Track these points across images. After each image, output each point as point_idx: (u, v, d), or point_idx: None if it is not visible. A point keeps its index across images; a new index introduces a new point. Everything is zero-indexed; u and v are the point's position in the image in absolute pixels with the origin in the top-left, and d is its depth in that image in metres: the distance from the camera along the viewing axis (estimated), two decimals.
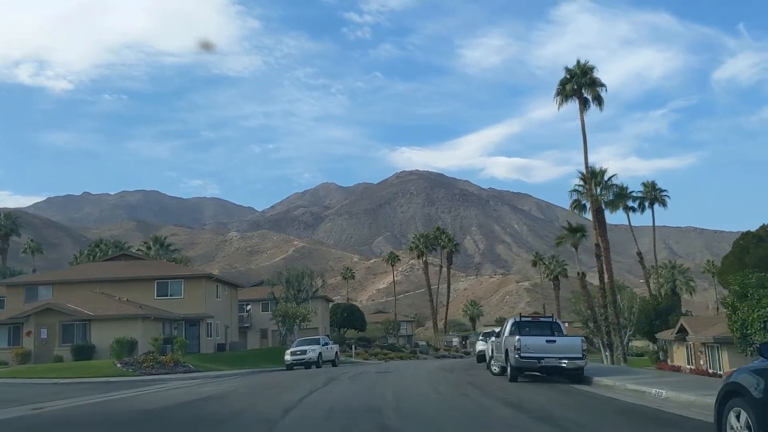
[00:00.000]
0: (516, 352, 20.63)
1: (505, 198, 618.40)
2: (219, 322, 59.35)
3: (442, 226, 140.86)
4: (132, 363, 39.12)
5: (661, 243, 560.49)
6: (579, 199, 58.40)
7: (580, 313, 65.45)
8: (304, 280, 67.77)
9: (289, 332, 61.49)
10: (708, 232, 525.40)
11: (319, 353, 45.96)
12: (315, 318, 73.14)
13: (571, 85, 49.91)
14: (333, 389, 21.03)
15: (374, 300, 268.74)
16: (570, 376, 21.20)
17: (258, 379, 31.14)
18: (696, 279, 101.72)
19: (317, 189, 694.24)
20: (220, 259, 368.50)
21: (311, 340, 48.08)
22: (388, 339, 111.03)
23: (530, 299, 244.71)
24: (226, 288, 62.76)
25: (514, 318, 24.02)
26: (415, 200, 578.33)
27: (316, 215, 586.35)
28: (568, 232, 53.87)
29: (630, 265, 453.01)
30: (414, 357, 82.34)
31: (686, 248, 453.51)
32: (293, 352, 46.07)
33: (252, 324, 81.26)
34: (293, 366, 45.78)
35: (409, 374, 29.12)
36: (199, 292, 55.32)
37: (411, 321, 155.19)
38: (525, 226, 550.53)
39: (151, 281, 54.98)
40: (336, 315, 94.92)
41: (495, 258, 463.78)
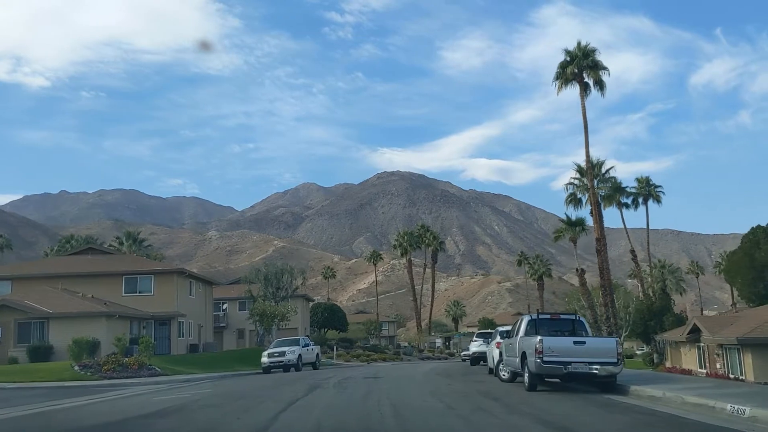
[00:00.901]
0: (537, 356, 17.18)
1: (486, 199, 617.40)
2: (192, 321, 55.59)
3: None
4: (91, 366, 35.33)
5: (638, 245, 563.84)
6: (575, 192, 55.30)
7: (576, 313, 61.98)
8: (284, 278, 64.02)
9: (267, 332, 57.73)
10: (685, 234, 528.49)
11: (298, 355, 42.37)
12: (294, 318, 69.59)
13: (572, 69, 46.55)
14: (317, 400, 17.49)
15: (355, 300, 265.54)
16: (600, 384, 17.82)
17: (230, 385, 27.51)
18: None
19: (298, 189, 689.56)
20: (199, 258, 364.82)
21: (290, 341, 44.46)
22: (370, 340, 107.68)
23: (512, 300, 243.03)
24: (200, 285, 58.97)
25: (530, 315, 20.57)
26: (396, 201, 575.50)
27: (296, 215, 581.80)
28: (566, 225, 50.61)
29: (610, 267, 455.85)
30: (397, 358, 78.83)
31: (663, 250, 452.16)
32: (271, 353, 42.46)
33: (228, 324, 77.56)
34: (271, 369, 42.20)
35: (402, 380, 25.66)
36: (171, 288, 51.53)
37: (393, 322, 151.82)
38: (505, 228, 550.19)
39: (119, 277, 51.16)
40: (316, 315, 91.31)
41: (475, 259, 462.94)
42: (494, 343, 25.70)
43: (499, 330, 26.67)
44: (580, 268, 50.16)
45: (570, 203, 55.37)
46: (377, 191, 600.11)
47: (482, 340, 39.78)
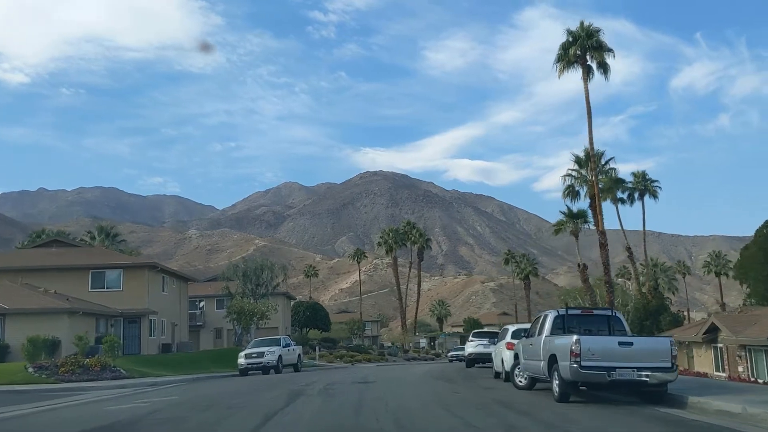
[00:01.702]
0: (572, 360, 13.88)
1: (468, 200, 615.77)
2: (165, 319, 52.02)
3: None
4: (48, 367, 31.75)
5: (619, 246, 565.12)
6: (573, 185, 52.25)
7: None
8: (264, 274, 60.48)
9: (245, 332, 54.13)
10: (665, 236, 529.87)
11: (278, 356, 38.97)
12: (275, 316, 66.24)
13: (575, 50, 43.37)
14: (300, 411, 14.20)
15: (337, 300, 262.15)
16: (646, 394, 14.60)
17: (201, 390, 24.14)
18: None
19: (279, 188, 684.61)
20: (179, 257, 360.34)
21: (270, 341, 41.04)
22: (353, 340, 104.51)
23: (496, 300, 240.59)
24: (175, 281, 55.37)
25: (557, 310, 17.24)
26: (379, 201, 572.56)
27: (278, 215, 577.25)
28: (567, 218, 47.45)
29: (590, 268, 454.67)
30: (382, 359, 75.49)
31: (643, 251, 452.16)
32: (248, 354, 39.05)
33: (205, 322, 74.08)
34: (248, 371, 38.84)
35: (397, 385, 22.34)
36: (141, 284, 47.93)
37: (376, 321, 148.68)
38: (488, 228, 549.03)
39: (85, 271, 47.42)
40: (298, 314, 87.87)
41: (458, 259, 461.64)
42: (503, 344, 22.46)
43: (512, 329, 23.41)
44: (581, 264, 47.03)
45: (567, 195, 52.40)
46: (360, 191, 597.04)
47: (480, 340, 36.64)
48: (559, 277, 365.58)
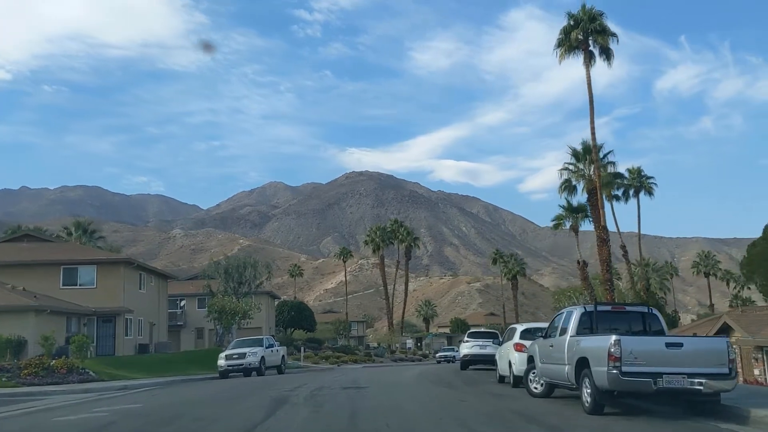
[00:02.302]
0: (611, 364, 11.53)
1: (454, 200, 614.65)
2: (142, 318, 49.43)
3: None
4: (9, 369, 29.20)
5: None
6: (570, 179, 49.99)
7: None
8: (247, 272, 57.86)
9: (227, 331, 51.52)
10: (648, 237, 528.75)
11: (261, 357, 36.52)
12: (258, 316, 63.84)
13: (576, 34, 41.10)
14: (283, 427, 11.75)
15: (322, 300, 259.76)
16: (697, 404, 12.30)
17: (173, 396, 21.72)
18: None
19: (264, 188, 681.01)
20: (163, 257, 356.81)
21: (252, 341, 38.56)
22: (339, 340, 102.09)
23: (482, 300, 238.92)
24: (153, 278, 52.76)
25: (583, 306, 14.85)
26: (365, 201, 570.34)
27: (263, 214, 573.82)
28: (567, 212, 45.18)
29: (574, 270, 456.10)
30: (369, 360, 73.06)
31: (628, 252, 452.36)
32: (229, 355, 36.59)
33: (186, 322, 71.58)
34: (229, 373, 36.41)
35: (392, 390, 20.00)
36: (116, 281, 45.34)
37: (362, 322, 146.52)
38: (473, 229, 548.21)
39: (56, 267, 44.75)
40: (282, 313, 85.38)
41: (443, 260, 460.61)
42: (511, 345, 20.11)
43: (520, 328, 21.06)
44: (582, 261, 44.78)
45: (564, 190, 50.10)
46: (345, 191, 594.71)
47: (476, 341, 34.41)
48: (544, 278, 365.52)
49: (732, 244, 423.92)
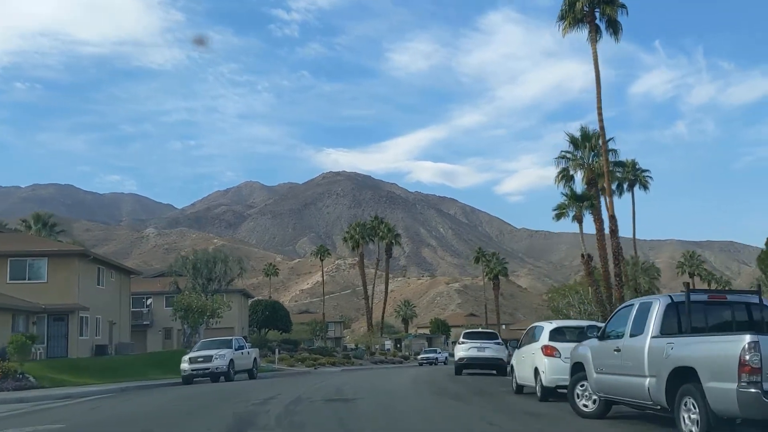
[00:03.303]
0: (748, 378, 7.59)
1: (431, 202, 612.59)
2: (100, 316, 45.05)
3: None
4: None
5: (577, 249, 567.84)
6: (568, 168, 46.33)
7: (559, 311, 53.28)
8: (217, 267, 53.58)
9: (194, 331, 47.06)
10: (623, 239, 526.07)
11: (230, 360, 32.28)
12: (230, 316, 59.77)
13: (581, 5, 37.36)
14: None
15: (298, 301, 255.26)
16: None
17: (112, 410, 17.73)
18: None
19: (240, 187, 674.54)
20: (135, 256, 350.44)
21: (220, 342, 34.26)
22: (315, 341, 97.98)
23: (461, 300, 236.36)
24: (113, 273, 48.38)
25: (669, 296, 10.63)
26: (342, 201, 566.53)
27: (238, 214, 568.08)
28: (570, 200, 41.33)
29: (549, 271, 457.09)
30: (348, 362, 68.94)
31: None
32: (193, 358, 32.32)
33: (153, 322, 67.22)
34: (193, 378, 32.20)
35: (391, 407, 15.87)
36: (71, 275, 40.98)
37: (339, 322, 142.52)
38: (450, 230, 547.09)
39: (2, 259, 40.28)
40: (256, 313, 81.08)
41: (420, 261, 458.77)
42: (537, 348, 16.08)
43: (549, 327, 16.86)
44: (587, 254, 41.04)
45: (562, 180, 46.45)
46: (322, 191, 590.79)
47: (473, 342, 30.59)
48: (521, 280, 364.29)
49: (705, 247, 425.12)
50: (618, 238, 35.90)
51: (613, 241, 35.90)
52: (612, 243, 35.94)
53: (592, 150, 45.52)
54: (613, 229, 35.90)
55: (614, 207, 44.33)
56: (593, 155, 45.78)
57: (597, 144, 45.54)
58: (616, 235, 35.95)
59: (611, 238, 36.01)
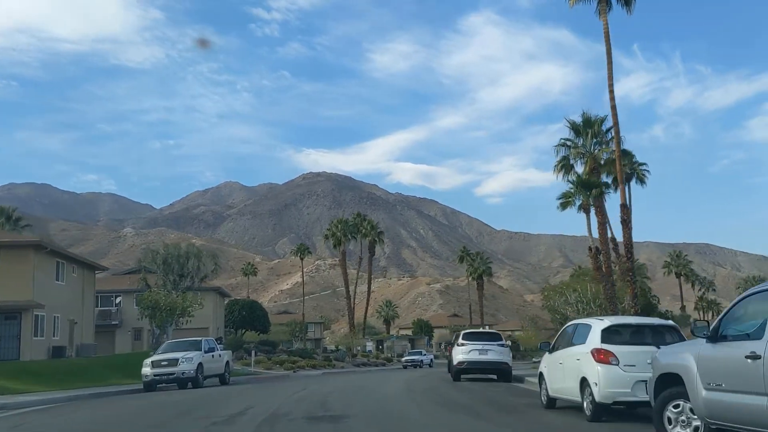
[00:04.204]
0: None
1: (412, 203, 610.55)
2: (59, 315, 41.12)
3: None
4: None
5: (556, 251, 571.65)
6: (568, 156, 42.94)
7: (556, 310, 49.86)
8: (190, 263, 49.67)
9: (162, 332, 43.08)
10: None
11: (198, 364, 28.50)
12: (204, 315, 56.07)
13: None
14: None
15: (277, 302, 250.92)
16: None
17: (39, 429, 13.87)
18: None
19: (219, 188, 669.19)
20: (112, 256, 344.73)
21: (188, 344, 30.41)
22: (294, 343, 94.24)
23: (443, 301, 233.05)
24: (76, 268, 44.44)
25: None
26: (322, 202, 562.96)
27: (217, 214, 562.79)
28: (577, 187, 37.79)
29: (528, 272, 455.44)
30: (329, 365, 65.28)
31: (581, 256, 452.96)
32: (157, 362, 28.52)
33: (122, 321, 63.29)
34: (156, 385, 28.45)
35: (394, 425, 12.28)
36: (24, 269, 37.11)
37: (320, 323, 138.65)
38: (431, 231, 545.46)
39: None
40: (233, 313, 77.21)
41: (401, 262, 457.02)
42: (586, 353, 12.35)
43: (601, 324, 12.84)
44: (594, 247, 37.60)
45: (561, 169, 43.06)
46: (302, 192, 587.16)
47: (474, 344, 27.07)
48: (500, 281, 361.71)
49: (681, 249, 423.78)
50: (630, 229, 32.50)
51: (625, 232, 32.44)
52: (624, 234, 32.49)
53: (595, 137, 42.24)
54: (625, 218, 32.40)
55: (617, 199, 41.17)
56: (595, 142, 42.49)
57: (600, 131, 42.30)
58: (628, 225, 32.49)
59: (623, 228, 32.54)
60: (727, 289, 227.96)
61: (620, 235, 51.34)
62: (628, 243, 32.50)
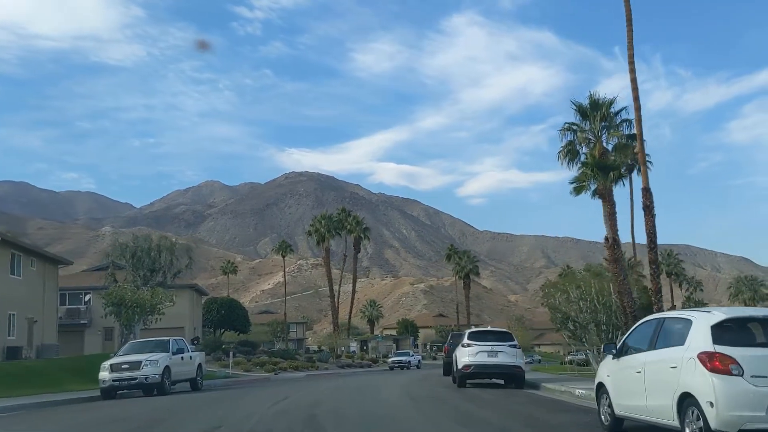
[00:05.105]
0: None
1: (395, 203, 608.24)
2: (15, 312, 37.31)
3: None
4: None
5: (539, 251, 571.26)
6: (573, 141, 39.33)
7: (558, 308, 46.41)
8: (162, 256, 45.79)
9: (129, 331, 39.13)
10: (583, 242, 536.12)
11: (164, 368, 24.70)
12: (180, 313, 52.54)
13: None
14: None
15: (258, 302, 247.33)
16: None
17: None
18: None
19: (200, 187, 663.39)
20: (90, 255, 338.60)
21: (154, 344, 26.59)
22: (276, 343, 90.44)
23: (427, 301, 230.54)
24: (35, 262, 40.56)
25: None
26: (305, 202, 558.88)
27: (198, 213, 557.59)
28: (592, 171, 34.07)
29: (510, 272, 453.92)
30: (312, 367, 61.63)
31: (563, 257, 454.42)
32: (116, 365, 24.70)
33: (92, 321, 59.43)
34: (115, 391, 24.72)
35: None
36: None
37: (302, 323, 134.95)
38: (413, 232, 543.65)
39: None
40: (211, 312, 73.28)
41: (383, 262, 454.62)
42: (688, 357, 8.57)
43: (715, 318, 8.72)
44: (612, 238, 34.10)
45: (566, 156, 39.38)
46: (284, 191, 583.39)
47: (482, 345, 23.60)
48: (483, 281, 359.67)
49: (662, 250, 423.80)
50: (653, 216, 28.93)
51: (648, 219, 28.83)
52: (647, 222, 28.88)
53: (603, 119, 38.68)
54: (648, 204, 28.80)
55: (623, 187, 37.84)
56: (604, 125, 38.96)
57: (608, 113, 38.76)
58: (651, 211, 28.85)
59: (646, 216, 28.95)
60: (707, 290, 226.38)
61: (636, 225, 47.93)
62: (651, 232, 28.89)
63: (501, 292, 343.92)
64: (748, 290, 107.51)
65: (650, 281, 31.01)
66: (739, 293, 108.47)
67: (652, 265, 29.68)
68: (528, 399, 18.63)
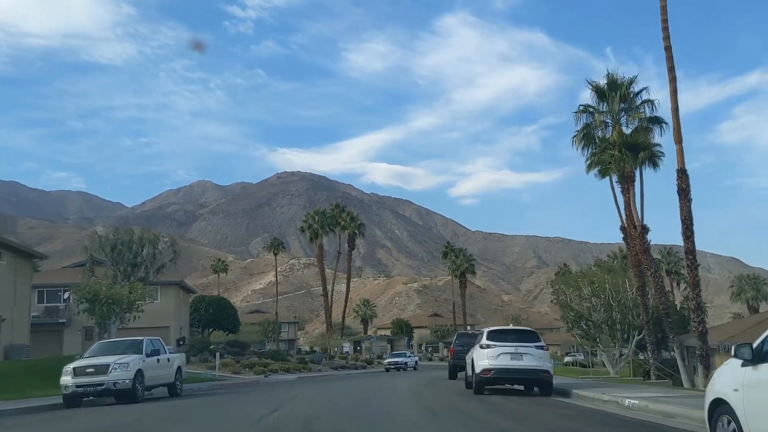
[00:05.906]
0: None
1: (387, 203, 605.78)
2: None
3: None
4: None
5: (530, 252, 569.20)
6: (590, 124, 36.39)
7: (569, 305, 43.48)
8: (144, 250, 42.50)
9: (103, 330, 35.71)
10: (574, 242, 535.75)
11: (136, 371, 21.42)
12: (166, 312, 49.52)
13: None
14: None
15: (249, 302, 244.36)
16: None
17: None
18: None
19: (192, 186, 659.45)
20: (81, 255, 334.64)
21: (126, 345, 23.26)
22: (267, 344, 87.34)
23: (421, 301, 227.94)
24: (4, 255, 37.18)
25: None
26: (296, 202, 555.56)
27: (189, 213, 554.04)
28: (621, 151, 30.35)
29: (502, 272, 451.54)
30: (305, 368, 58.49)
31: (554, 257, 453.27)
32: (80, 369, 21.42)
33: (71, 320, 56.13)
34: (80, 398, 21.52)
35: None
36: None
37: (294, 323, 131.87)
38: (405, 232, 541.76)
39: None
40: (199, 311, 70.03)
41: (375, 262, 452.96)
42: None
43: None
44: (640, 224, 30.67)
45: (582, 140, 36.53)
46: (277, 191, 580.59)
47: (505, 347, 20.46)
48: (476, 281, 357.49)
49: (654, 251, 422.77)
50: (689, 201, 25.59)
51: (683, 204, 25.43)
52: (682, 207, 25.51)
53: (623, 100, 35.71)
54: (683, 187, 25.53)
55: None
56: (623, 107, 35.96)
57: (628, 93, 35.71)
58: (687, 195, 25.42)
59: (681, 200, 25.60)
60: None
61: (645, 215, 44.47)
62: (687, 218, 25.55)
63: (494, 292, 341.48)
64: (751, 289, 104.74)
65: (687, 274, 27.78)
66: (741, 292, 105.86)
67: (689, 256, 26.48)
68: (566, 410, 15.52)
